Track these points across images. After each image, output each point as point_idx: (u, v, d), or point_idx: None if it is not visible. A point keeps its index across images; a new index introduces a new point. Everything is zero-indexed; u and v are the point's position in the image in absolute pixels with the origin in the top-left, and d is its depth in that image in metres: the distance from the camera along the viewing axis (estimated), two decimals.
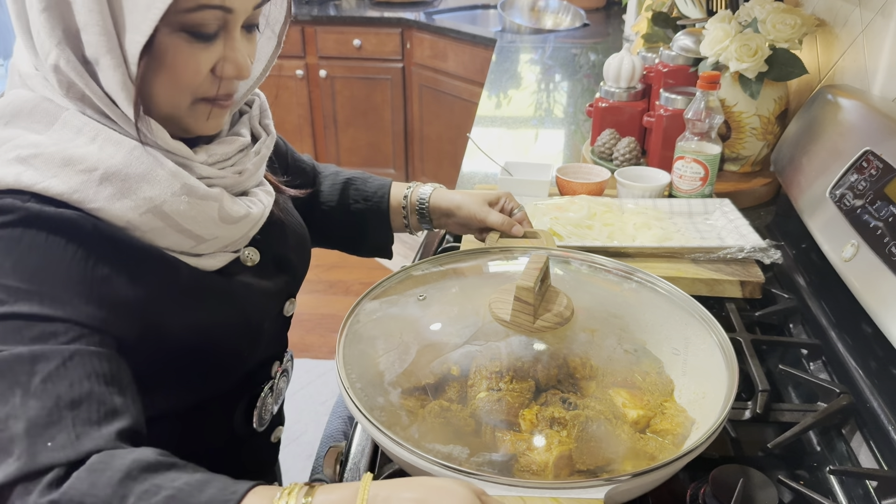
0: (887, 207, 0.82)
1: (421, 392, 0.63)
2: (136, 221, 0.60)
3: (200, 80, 0.62)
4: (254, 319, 0.72)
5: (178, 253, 0.65)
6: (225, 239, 0.68)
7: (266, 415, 0.81)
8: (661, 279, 0.77)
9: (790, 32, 1.21)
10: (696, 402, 0.63)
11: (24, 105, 0.60)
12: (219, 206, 0.64)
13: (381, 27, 3.25)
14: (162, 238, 0.63)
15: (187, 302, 0.66)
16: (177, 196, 0.61)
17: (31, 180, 0.56)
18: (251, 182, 0.71)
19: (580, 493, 0.52)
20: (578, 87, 2.23)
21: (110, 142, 0.59)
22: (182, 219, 0.62)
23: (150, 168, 0.60)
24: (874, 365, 0.81)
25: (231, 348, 0.70)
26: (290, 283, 0.80)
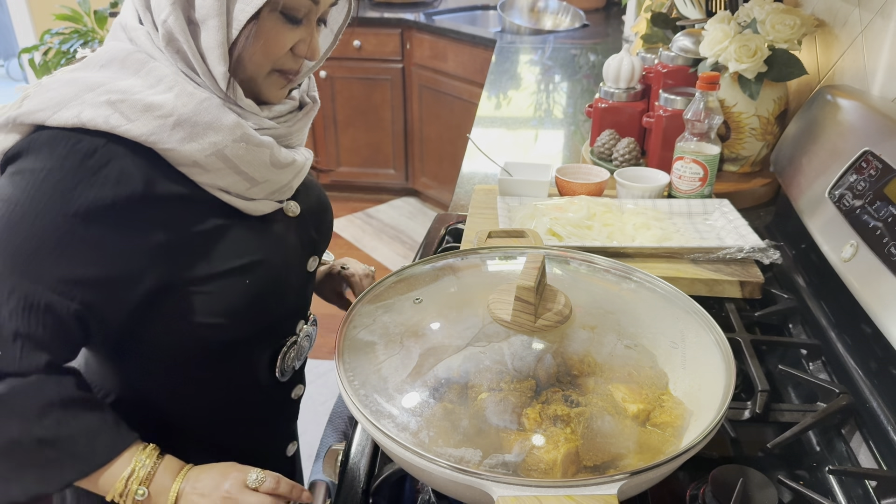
0: (886, 208, 0.82)
1: (424, 394, 0.63)
2: (202, 162, 0.70)
3: (282, 55, 0.73)
4: (286, 264, 0.81)
5: (234, 196, 0.74)
6: (274, 183, 0.77)
7: (288, 367, 0.87)
8: (656, 277, 0.78)
9: (789, 33, 1.21)
10: (694, 394, 0.63)
11: (118, 53, 0.70)
12: (270, 152, 0.74)
13: (381, 28, 3.25)
14: (222, 178, 0.72)
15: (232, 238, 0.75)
16: (237, 142, 0.71)
17: (117, 122, 0.66)
18: (296, 139, 0.82)
19: (595, 489, 0.53)
20: (578, 88, 2.23)
21: (185, 93, 0.69)
22: (240, 162, 0.72)
23: (215, 118, 0.70)
24: (873, 365, 0.81)
25: (264, 289, 0.77)
26: (316, 241, 0.88)
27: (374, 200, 3.71)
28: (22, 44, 3.89)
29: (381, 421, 0.59)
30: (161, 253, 0.70)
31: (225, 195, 0.74)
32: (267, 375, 0.86)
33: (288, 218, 0.82)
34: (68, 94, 0.67)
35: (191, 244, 0.72)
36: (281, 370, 0.86)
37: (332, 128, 3.52)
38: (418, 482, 0.77)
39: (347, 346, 0.68)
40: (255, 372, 0.85)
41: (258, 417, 0.90)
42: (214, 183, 0.72)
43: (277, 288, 0.80)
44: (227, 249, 0.74)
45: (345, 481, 0.77)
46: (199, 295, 0.73)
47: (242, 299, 0.76)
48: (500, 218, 1.12)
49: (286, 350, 0.86)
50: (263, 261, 0.77)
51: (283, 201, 0.81)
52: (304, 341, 0.90)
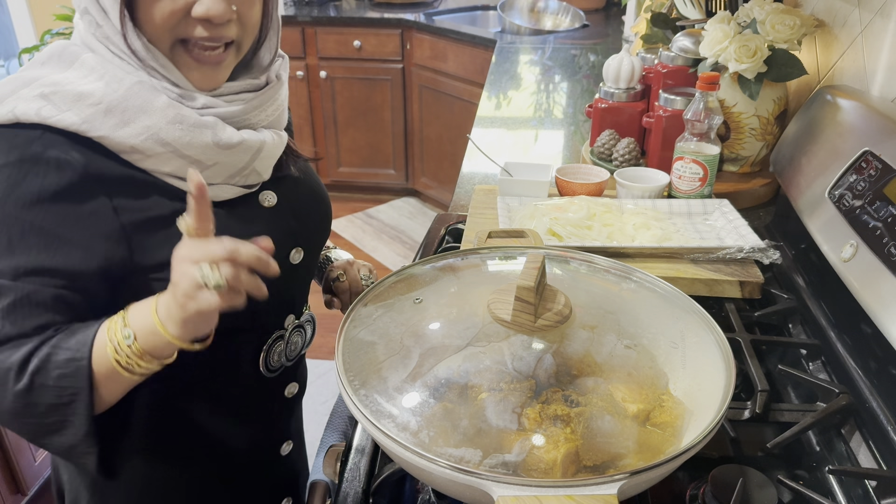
0: (886, 208, 0.82)
1: (424, 394, 0.63)
2: (140, 146, 0.69)
3: (175, 21, 0.68)
4: None
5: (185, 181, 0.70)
6: (227, 166, 0.74)
7: (274, 363, 0.85)
8: (656, 277, 0.78)
9: (789, 33, 1.21)
10: (694, 394, 0.63)
11: (56, 49, 0.71)
12: (212, 132, 0.71)
13: (381, 28, 3.25)
14: (166, 163, 0.70)
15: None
16: (171, 124, 0.69)
17: (48, 114, 0.66)
18: (256, 119, 0.77)
19: (595, 489, 0.53)
20: (578, 88, 2.23)
21: (115, 79, 0.68)
22: (179, 144, 0.70)
23: (146, 100, 0.68)
24: (873, 365, 0.81)
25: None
26: (298, 231, 0.84)
27: (375, 200, 3.71)
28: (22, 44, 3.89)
29: (381, 421, 0.59)
30: (117, 238, 0.69)
31: (176, 181, 0.72)
32: (252, 370, 0.84)
33: (263, 208, 0.80)
34: (5, 91, 0.68)
35: (148, 229, 0.71)
36: (266, 365, 0.84)
37: (332, 128, 3.52)
38: (418, 482, 0.77)
39: (347, 346, 0.68)
40: (238, 366, 0.83)
41: (245, 414, 0.88)
42: (159, 168, 0.71)
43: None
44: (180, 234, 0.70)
45: (345, 481, 0.77)
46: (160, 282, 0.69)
47: None
48: (500, 218, 1.12)
49: (271, 344, 0.84)
50: None
51: (252, 187, 0.78)
52: (294, 336, 0.88)
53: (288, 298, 0.87)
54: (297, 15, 3.24)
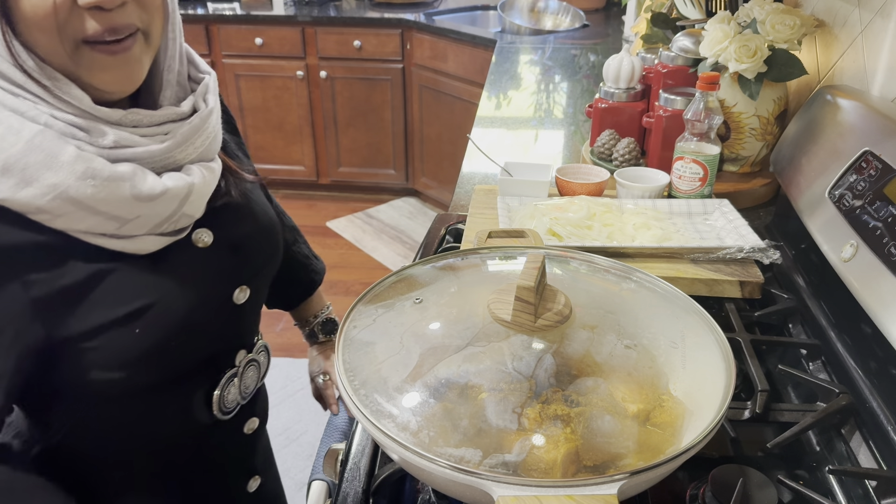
0: (886, 208, 0.82)
1: (424, 394, 0.63)
2: (47, 207, 0.59)
3: (63, 16, 0.57)
4: (194, 303, 0.71)
5: (106, 237, 0.63)
6: (151, 217, 0.65)
7: (229, 404, 0.80)
8: (656, 277, 0.78)
9: (789, 33, 1.21)
10: (694, 394, 0.63)
11: None
12: (130, 184, 0.62)
13: (382, 28, 3.26)
14: (79, 222, 0.61)
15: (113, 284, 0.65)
16: (81, 180, 0.59)
17: None
18: (182, 155, 0.68)
19: (595, 489, 0.53)
20: (578, 88, 2.23)
21: (11, 131, 0.58)
22: (93, 202, 0.61)
23: (50, 154, 0.59)
24: (873, 365, 0.81)
25: (161, 335, 0.68)
26: (241, 269, 0.77)
27: (375, 200, 3.72)
28: None
29: (381, 421, 0.59)
30: (30, 312, 0.61)
31: (93, 237, 0.63)
32: (206, 413, 0.79)
33: (197, 249, 0.72)
34: None
35: (63, 299, 0.63)
36: (219, 408, 0.79)
37: (332, 128, 3.53)
38: (418, 482, 0.77)
39: (347, 346, 0.68)
40: (190, 411, 0.78)
41: (206, 457, 0.83)
42: (72, 227, 0.62)
43: (183, 330, 0.70)
44: (106, 298, 0.64)
45: (345, 481, 0.77)
46: (87, 351, 0.65)
47: (136, 349, 0.67)
48: (500, 218, 1.12)
49: (223, 385, 0.79)
50: (155, 304, 0.67)
51: (183, 231, 0.70)
52: (248, 371, 0.83)
53: (236, 338, 0.82)
54: (297, 15, 3.24)
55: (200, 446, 0.82)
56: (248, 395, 0.85)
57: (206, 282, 0.73)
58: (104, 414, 0.72)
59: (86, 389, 0.68)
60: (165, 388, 0.73)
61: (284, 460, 2.17)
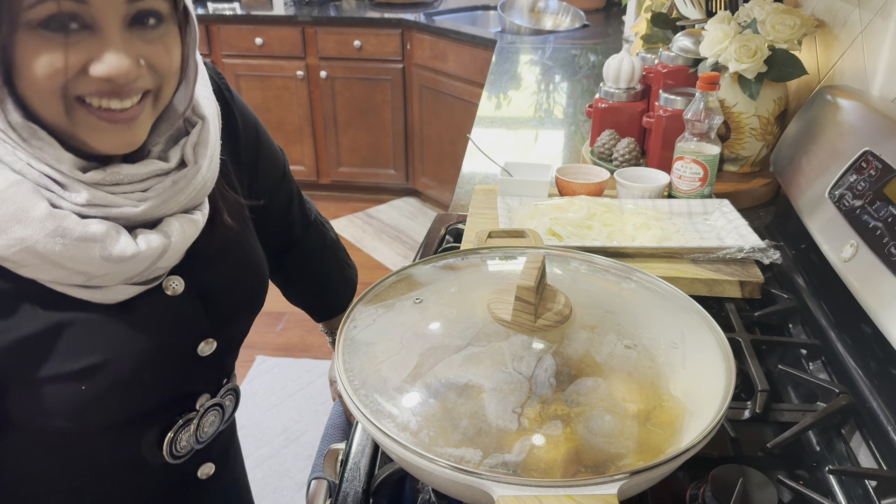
0: (886, 208, 0.82)
1: (424, 394, 0.63)
2: (11, 258, 0.58)
3: (63, 79, 0.55)
4: (154, 357, 0.68)
5: (71, 287, 0.61)
6: (119, 275, 0.62)
7: (181, 449, 0.76)
8: (656, 277, 0.78)
9: (789, 33, 1.21)
10: (694, 394, 0.63)
11: None
12: (100, 246, 0.59)
13: (382, 28, 3.26)
14: (44, 273, 0.60)
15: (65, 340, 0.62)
16: (50, 237, 0.57)
17: None
18: (167, 208, 0.64)
19: (595, 489, 0.53)
20: (578, 88, 2.23)
21: None
22: (59, 258, 0.59)
23: (21, 208, 0.56)
24: (873, 365, 0.81)
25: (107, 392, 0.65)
26: (210, 320, 0.74)
27: (375, 200, 3.72)
28: None
29: (381, 421, 0.59)
30: None
31: (58, 286, 0.61)
32: (156, 455, 0.74)
33: (165, 296, 0.68)
34: None
35: (18, 352, 0.60)
36: (169, 451, 0.74)
37: (332, 128, 3.53)
38: (418, 482, 0.77)
39: (347, 346, 0.68)
40: (139, 452, 0.73)
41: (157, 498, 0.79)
42: (36, 277, 0.60)
43: (135, 385, 0.67)
44: (60, 352, 0.62)
45: (345, 481, 0.77)
46: (31, 399, 0.62)
47: (82, 402, 0.64)
48: (500, 218, 1.12)
49: (177, 429, 0.74)
50: (105, 364, 0.64)
51: (156, 280, 0.67)
52: (208, 416, 0.78)
53: (197, 387, 0.77)
54: (297, 15, 3.24)
55: (150, 487, 0.78)
56: (206, 441, 0.80)
57: (170, 333, 0.69)
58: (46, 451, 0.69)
59: (26, 430, 0.66)
60: (113, 431, 0.70)
61: (284, 460, 2.17)
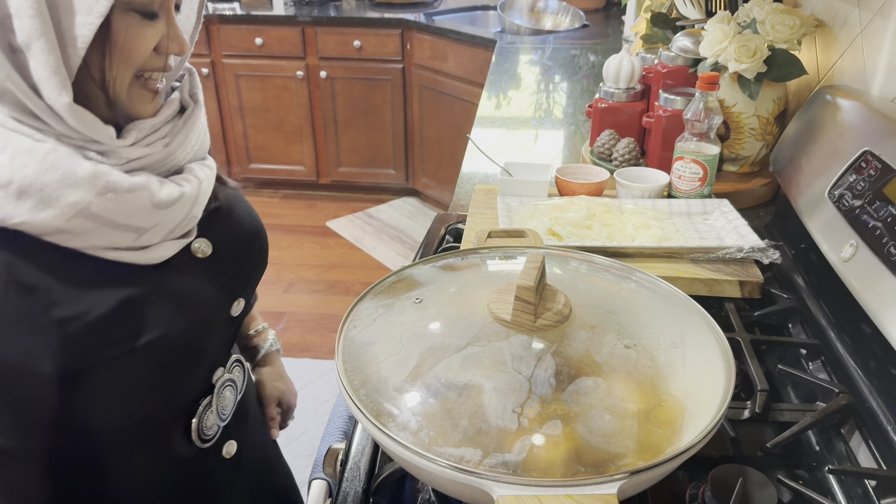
0: (886, 208, 0.83)
1: (424, 394, 0.63)
2: (67, 227, 0.58)
3: (147, 56, 0.62)
4: (204, 319, 0.70)
5: (123, 250, 0.63)
6: (167, 224, 0.65)
7: (209, 431, 0.76)
8: (656, 277, 0.78)
9: (789, 33, 1.21)
10: (694, 394, 0.63)
11: None
12: (148, 194, 0.62)
13: (382, 28, 3.26)
14: (100, 237, 0.60)
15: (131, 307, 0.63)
16: (102, 195, 0.58)
17: None
18: (182, 155, 0.68)
19: (595, 489, 0.53)
20: (578, 88, 2.23)
21: (21, 150, 0.56)
22: (114, 215, 0.60)
23: (67, 172, 0.57)
24: (873, 365, 0.81)
25: (180, 353, 0.68)
26: (237, 280, 0.76)
27: (375, 200, 3.72)
28: None
29: (381, 420, 0.59)
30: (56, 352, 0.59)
31: (111, 252, 0.62)
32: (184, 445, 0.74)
33: (197, 260, 0.71)
34: None
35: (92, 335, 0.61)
36: (199, 436, 0.75)
37: (332, 128, 3.53)
38: (418, 482, 0.77)
39: (347, 346, 0.68)
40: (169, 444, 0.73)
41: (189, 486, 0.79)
42: (92, 244, 0.60)
43: (190, 353, 0.69)
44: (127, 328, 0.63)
45: (345, 481, 0.77)
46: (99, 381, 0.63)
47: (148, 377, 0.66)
48: (500, 218, 1.12)
49: (201, 413, 0.74)
50: (164, 336, 0.65)
51: (189, 235, 0.70)
52: (224, 392, 0.78)
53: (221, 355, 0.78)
54: (297, 15, 3.24)
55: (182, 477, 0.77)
56: (228, 416, 0.80)
57: (209, 295, 0.72)
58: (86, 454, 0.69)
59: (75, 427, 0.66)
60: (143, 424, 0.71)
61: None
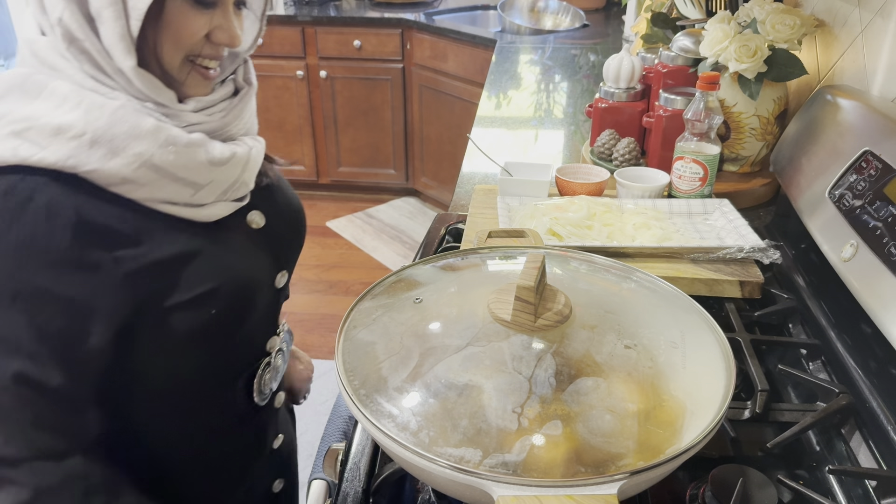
0: (886, 207, 0.82)
1: (424, 394, 0.63)
2: (133, 176, 0.64)
3: (195, 42, 0.68)
4: (251, 285, 0.76)
5: (181, 206, 0.69)
6: (220, 183, 0.71)
7: (265, 389, 0.84)
8: (656, 277, 0.78)
9: (789, 33, 1.21)
10: (694, 394, 0.63)
11: (15, 80, 0.64)
12: (204, 150, 0.69)
13: (382, 28, 3.25)
14: (160, 190, 0.66)
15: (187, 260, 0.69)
16: (163, 147, 0.65)
17: (28, 153, 0.60)
18: (235, 128, 0.75)
19: (595, 489, 0.53)
20: (578, 88, 2.23)
21: (95, 106, 0.63)
22: (174, 168, 0.66)
23: (133, 125, 0.63)
24: (873, 365, 0.81)
25: (229, 312, 0.73)
26: (282, 254, 0.83)
27: (375, 200, 3.71)
28: None
29: (381, 421, 0.59)
30: (117, 292, 0.64)
31: (170, 206, 0.68)
32: (246, 402, 0.82)
33: (252, 231, 0.77)
34: None
35: (149, 276, 0.66)
36: (259, 392, 0.83)
37: (332, 128, 3.52)
38: (418, 482, 0.77)
39: (347, 346, 0.68)
40: (232, 400, 0.81)
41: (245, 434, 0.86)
42: (154, 196, 0.66)
43: (243, 312, 0.75)
44: (186, 277, 0.69)
45: (345, 481, 0.77)
46: (161, 328, 0.68)
47: (207, 328, 0.71)
48: (500, 218, 1.12)
49: (261, 372, 0.83)
50: (217, 289, 0.71)
51: (242, 199, 0.76)
52: (277, 357, 0.86)
53: (271, 324, 0.85)
54: (297, 15, 3.24)
55: (241, 428, 0.85)
56: (279, 377, 0.89)
57: (260, 265, 0.78)
58: (156, 408, 0.75)
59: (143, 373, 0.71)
60: (211, 380, 0.78)
61: None
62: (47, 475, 0.61)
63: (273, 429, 0.93)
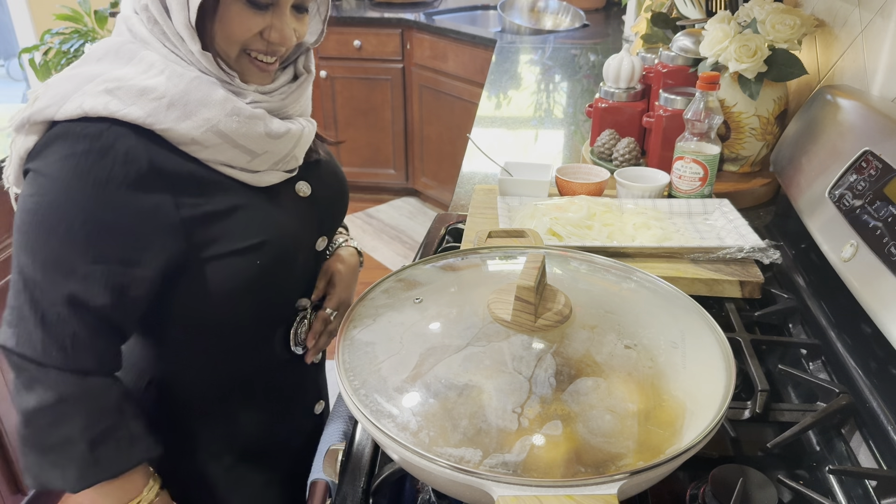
0: (886, 207, 0.82)
1: (424, 394, 0.63)
2: (200, 138, 0.74)
3: (248, 38, 0.76)
4: (295, 244, 0.86)
5: (238, 169, 0.78)
6: (274, 154, 0.81)
7: (301, 340, 0.94)
8: (656, 277, 0.78)
9: (789, 33, 1.21)
10: (694, 394, 0.63)
11: (112, 46, 0.76)
12: (263, 123, 0.78)
13: (382, 28, 3.25)
14: (222, 153, 0.76)
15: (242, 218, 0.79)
16: (229, 116, 0.75)
17: (116, 108, 0.71)
18: (292, 110, 0.85)
19: (595, 489, 0.53)
20: (578, 88, 2.23)
21: (175, 74, 0.74)
22: (236, 135, 0.76)
23: (206, 94, 0.74)
24: (873, 365, 0.81)
25: (272, 268, 0.82)
26: (324, 221, 0.93)
27: (375, 200, 3.71)
28: (22, 44, 3.89)
29: (381, 421, 0.59)
30: (175, 233, 0.75)
31: (229, 169, 0.78)
32: (283, 349, 0.92)
33: (298, 198, 0.87)
34: (69, 88, 0.72)
35: (204, 223, 0.76)
36: (295, 342, 0.93)
37: (332, 128, 3.52)
38: (418, 482, 0.77)
39: (347, 346, 0.68)
40: (272, 347, 0.91)
41: (283, 385, 0.96)
42: (216, 158, 0.76)
43: (286, 267, 0.85)
44: (238, 229, 0.79)
45: (345, 481, 0.77)
46: (210, 273, 0.78)
47: (252, 277, 0.80)
48: (500, 218, 1.12)
49: (297, 325, 0.92)
50: (270, 240, 0.81)
51: (292, 171, 0.85)
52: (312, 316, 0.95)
53: (309, 284, 0.95)
54: None
55: (278, 377, 0.95)
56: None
57: (303, 228, 0.88)
58: (201, 347, 0.86)
59: (194, 315, 0.82)
60: (254, 325, 0.88)
61: None
62: (70, 386, 0.73)
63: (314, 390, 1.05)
